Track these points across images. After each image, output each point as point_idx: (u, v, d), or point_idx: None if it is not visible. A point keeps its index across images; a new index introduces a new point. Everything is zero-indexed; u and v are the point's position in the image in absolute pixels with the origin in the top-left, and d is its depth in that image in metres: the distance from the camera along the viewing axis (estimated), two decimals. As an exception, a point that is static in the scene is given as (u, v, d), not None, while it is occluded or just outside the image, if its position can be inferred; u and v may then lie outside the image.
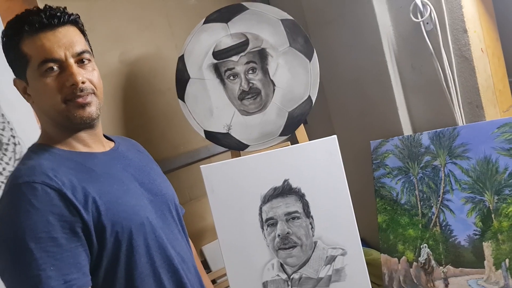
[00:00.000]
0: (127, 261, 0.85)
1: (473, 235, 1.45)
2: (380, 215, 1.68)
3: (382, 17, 1.67)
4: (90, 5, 1.74)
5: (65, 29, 0.86)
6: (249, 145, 1.64)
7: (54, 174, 0.80)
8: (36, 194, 0.77)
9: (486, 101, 1.53)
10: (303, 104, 1.60)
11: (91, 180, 0.85)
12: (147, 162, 1.07)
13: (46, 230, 0.76)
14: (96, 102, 0.89)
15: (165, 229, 0.95)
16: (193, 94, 1.62)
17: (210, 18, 1.63)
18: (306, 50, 1.59)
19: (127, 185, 0.91)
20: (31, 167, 0.82)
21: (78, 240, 0.80)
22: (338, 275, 1.57)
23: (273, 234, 1.57)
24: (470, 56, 1.50)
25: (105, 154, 0.94)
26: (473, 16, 1.50)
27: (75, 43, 0.86)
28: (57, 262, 0.76)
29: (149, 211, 0.92)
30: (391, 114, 1.74)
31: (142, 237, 0.88)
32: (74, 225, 0.79)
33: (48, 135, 0.91)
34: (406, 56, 1.69)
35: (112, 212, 0.84)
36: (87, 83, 0.87)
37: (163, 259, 0.91)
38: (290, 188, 1.57)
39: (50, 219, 0.77)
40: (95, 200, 0.82)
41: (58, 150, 0.88)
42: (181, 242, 0.99)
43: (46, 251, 0.76)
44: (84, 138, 0.92)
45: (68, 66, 0.85)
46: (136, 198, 0.91)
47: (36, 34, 0.84)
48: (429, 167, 1.58)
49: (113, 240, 0.84)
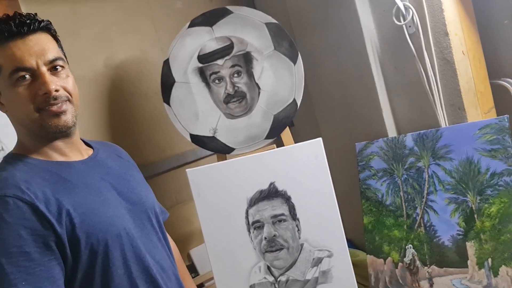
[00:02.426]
0: (103, 273, 0.84)
1: (456, 235, 1.47)
2: (366, 217, 1.70)
3: (366, 20, 1.69)
4: (74, 9, 1.73)
5: (36, 36, 0.85)
6: (235, 148, 1.64)
7: (27, 187, 0.79)
8: (7, 208, 0.76)
9: (468, 103, 1.55)
10: (288, 107, 1.61)
11: (66, 192, 0.84)
12: (127, 169, 1.05)
13: (17, 245, 0.75)
14: (71, 110, 0.88)
15: (143, 239, 0.93)
16: (178, 98, 1.63)
17: (195, 22, 1.63)
18: (291, 54, 1.60)
19: (105, 195, 0.90)
20: (3, 179, 0.81)
21: (51, 253, 0.79)
22: (324, 277, 1.58)
23: (260, 237, 1.58)
24: (452, 59, 1.53)
25: (82, 163, 0.92)
26: (454, 20, 1.53)
27: (47, 51, 0.85)
28: (29, 276, 0.75)
29: (127, 221, 0.91)
30: (375, 116, 1.76)
31: (119, 248, 0.86)
32: (47, 239, 0.78)
33: (23, 145, 0.89)
34: (389, 58, 1.71)
35: (87, 224, 0.82)
36: (61, 91, 0.85)
37: (140, 270, 0.89)
38: (276, 190, 1.58)
39: (22, 233, 0.75)
40: (69, 212, 0.81)
41: (33, 160, 0.86)
42: (160, 251, 0.98)
43: (17, 266, 0.74)
44: (60, 147, 0.90)
45: (40, 75, 0.83)
46: (114, 209, 0.89)
47: (6, 43, 0.82)
48: (413, 169, 1.60)
49: (88, 252, 0.82)
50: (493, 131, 1.43)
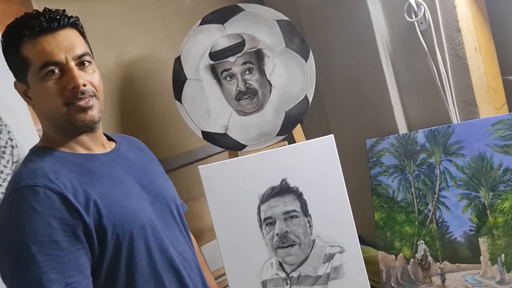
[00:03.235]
0: (127, 263, 0.86)
1: (469, 231, 1.47)
2: (377, 213, 1.70)
3: (377, 17, 1.69)
4: (85, 7, 1.73)
5: (65, 32, 0.86)
6: (246, 145, 1.65)
7: (55, 177, 0.80)
8: (38, 198, 0.77)
9: (480, 99, 1.55)
10: (299, 104, 1.62)
11: (92, 183, 0.85)
12: (148, 162, 1.07)
13: (48, 234, 0.76)
14: (97, 105, 0.89)
15: (166, 230, 0.95)
16: (190, 95, 1.63)
17: (206, 19, 1.63)
18: (302, 51, 1.60)
19: (128, 187, 0.91)
20: (32, 170, 0.82)
21: (79, 243, 0.80)
22: (336, 272, 1.58)
23: (272, 233, 1.59)
24: (464, 55, 1.53)
25: (106, 155, 0.94)
26: (466, 16, 1.52)
27: (75, 46, 0.86)
28: (58, 265, 0.76)
29: (150, 213, 0.92)
30: (386, 112, 1.76)
31: (143, 239, 0.88)
32: (76, 228, 0.79)
33: (49, 138, 0.91)
34: (400, 55, 1.71)
35: (113, 215, 0.84)
36: (88, 86, 0.87)
37: (164, 261, 0.91)
38: (288, 187, 1.58)
39: (52, 222, 0.77)
40: (96, 202, 0.82)
41: (59, 152, 0.88)
42: (182, 242, 1.00)
43: (47, 254, 0.76)
44: (85, 140, 0.92)
45: (69, 69, 0.85)
46: (137, 201, 0.91)
47: (36, 38, 0.84)
48: (424, 165, 1.60)
49: (113, 242, 0.84)
50: (505, 127, 1.43)
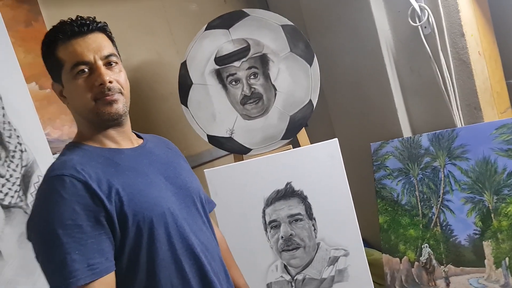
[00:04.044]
0: (148, 248, 0.90)
1: (473, 234, 1.48)
2: (381, 216, 1.71)
3: (381, 22, 1.70)
4: (91, 12, 1.74)
5: (94, 35, 0.95)
6: (251, 148, 1.66)
7: (81, 168, 0.88)
8: (64, 186, 0.85)
9: (484, 103, 1.56)
10: (304, 108, 1.63)
11: (117, 174, 0.92)
12: (175, 158, 1.13)
13: (72, 218, 0.83)
14: (122, 100, 0.96)
15: (188, 220, 1.00)
16: (196, 100, 1.65)
17: (211, 24, 1.65)
18: (307, 55, 1.62)
19: (151, 179, 0.97)
20: (62, 162, 0.91)
21: (101, 228, 0.86)
22: (341, 275, 1.59)
23: (277, 236, 1.60)
24: (468, 59, 1.53)
25: (132, 150, 1.01)
26: (470, 20, 1.53)
27: (103, 48, 0.94)
28: (81, 247, 0.82)
29: (172, 203, 0.97)
30: (390, 116, 1.77)
31: (163, 226, 0.93)
32: (98, 215, 0.85)
33: (81, 134, 0.99)
34: (404, 59, 1.72)
35: (134, 203, 0.90)
36: (114, 83, 0.94)
37: (184, 248, 0.95)
38: (292, 190, 1.60)
39: (76, 208, 0.84)
40: (118, 191, 0.89)
41: (89, 147, 0.96)
42: (205, 233, 1.04)
43: (72, 237, 0.82)
44: (113, 135, 0.99)
45: (97, 68, 0.92)
46: (159, 190, 0.97)
47: (68, 41, 0.93)
48: (429, 168, 1.61)
49: (134, 229, 0.89)
50: (510, 131, 1.44)
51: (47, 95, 1.56)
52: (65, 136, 1.60)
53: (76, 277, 0.80)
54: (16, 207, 1.38)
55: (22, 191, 1.40)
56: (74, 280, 0.80)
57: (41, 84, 1.55)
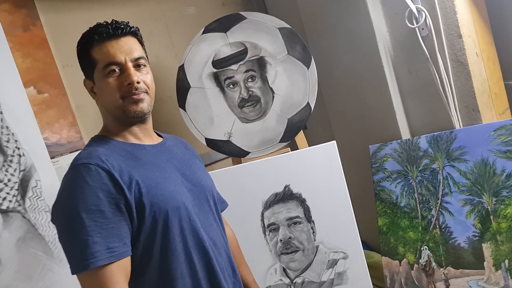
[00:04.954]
0: (162, 238, 0.96)
1: (472, 236, 1.47)
2: (381, 218, 1.70)
3: (378, 24, 1.70)
4: (91, 17, 1.76)
5: (126, 38, 1.02)
6: (249, 152, 1.66)
7: (106, 159, 0.94)
8: (90, 173, 0.91)
9: (482, 104, 1.55)
10: (302, 111, 1.63)
11: (137, 167, 0.98)
12: (191, 157, 1.18)
13: (95, 203, 0.89)
14: (148, 100, 1.02)
15: (200, 215, 1.05)
16: (193, 103, 1.65)
17: (209, 27, 1.66)
18: (304, 58, 1.62)
19: (168, 174, 1.03)
20: (88, 152, 0.97)
21: (121, 214, 0.92)
22: (340, 278, 1.59)
23: (275, 239, 1.60)
24: (466, 61, 1.53)
25: (153, 147, 1.07)
26: (467, 22, 1.53)
27: (133, 50, 1.01)
28: (102, 231, 0.89)
29: (186, 198, 1.03)
30: (389, 118, 1.76)
31: (177, 219, 0.98)
32: (119, 202, 0.92)
33: (107, 128, 1.06)
34: (402, 61, 1.71)
35: (152, 195, 0.96)
36: (141, 84, 1.00)
37: (195, 241, 1.01)
38: (291, 193, 1.59)
39: (99, 194, 0.90)
40: (138, 182, 0.95)
41: (113, 141, 1.03)
42: (215, 229, 1.09)
43: (94, 221, 0.88)
44: (136, 132, 1.05)
45: (127, 69, 0.99)
46: (175, 185, 1.02)
47: (103, 42, 1.00)
48: (427, 170, 1.60)
49: (151, 218, 0.95)
50: (508, 132, 1.43)
51: (45, 99, 1.57)
52: (64, 140, 1.61)
53: (96, 258, 0.86)
54: (14, 212, 1.38)
55: (20, 195, 1.40)
56: (94, 261, 0.86)
57: (39, 88, 1.56)
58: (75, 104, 1.65)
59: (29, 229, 1.40)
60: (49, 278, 1.40)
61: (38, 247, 1.41)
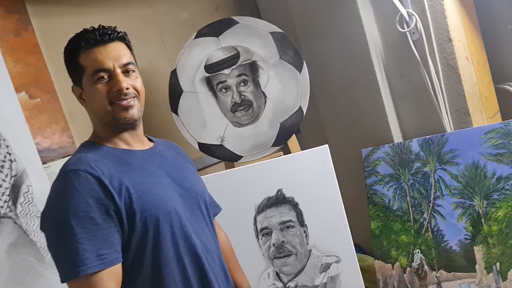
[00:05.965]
0: (154, 244, 0.95)
1: (464, 239, 1.48)
2: (373, 222, 1.71)
3: (370, 28, 1.71)
4: (82, 22, 1.76)
5: (114, 44, 1.00)
6: (242, 156, 1.66)
7: (96, 165, 0.93)
8: (79, 180, 0.90)
9: (473, 108, 1.56)
10: (294, 115, 1.63)
11: (127, 172, 0.97)
12: (183, 162, 1.18)
13: (85, 210, 0.88)
14: (138, 105, 1.02)
15: (192, 221, 1.04)
16: (186, 107, 1.65)
17: (201, 32, 1.66)
18: (296, 62, 1.62)
19: (159, 179, 1.02)
20: (78, 158, 0.96)
21: (112, 221, 0.91)
22: (333, 282, 1.59)
23: (268, 243, 1.60)
24: (456, 65, 1.54)
25: (143, 152, 1.06)
26: (457, 26, 1.54)
27: (122, 56, 1.00)
28: (92, 238, 0.87)
29: (178, 203, 1.02)
30: (381, 122, 1.77)
31: (168, 224, 0.97)
32: (109, 208, 0.90)
33: (97, 134, 1.05)
34: (394, 65, 1.72)
35: (143, 200, 0.95)
36: (130, 89, 0.99)
37: (187, 247, 1.00)
38: (283, 197, 1.60)
39: (89, 201, 0.89)
40: (128, 188, 0.94)
41: (103, 147, 1.02)
42: (207, 234, 1.08)
43: (84, 228, 0.87)
44: (126, 137, 1.04)
45: (116, 75, 0.98)
46: (166, 191, 1.01)
47: (90, 49, 0.98)
48: (419, 174, 1.61)
49: (142, 224, 0.94)
50: (498, 135, 1.44)
51: (37, 104, 1.57)
52: (56, 145, 1.60)
53: (87, 265, 0.85)
54: (6, 217, 1.37)
55: (11, 201, 1.39)
56: (84, 268, 0.85)
57: (31, 93, 1.56)
58: (67, 109, 1.65)
59: (21, 235, 1.39)
60: (41, 284, 1.39)
61: (30, 253, 1.40)
